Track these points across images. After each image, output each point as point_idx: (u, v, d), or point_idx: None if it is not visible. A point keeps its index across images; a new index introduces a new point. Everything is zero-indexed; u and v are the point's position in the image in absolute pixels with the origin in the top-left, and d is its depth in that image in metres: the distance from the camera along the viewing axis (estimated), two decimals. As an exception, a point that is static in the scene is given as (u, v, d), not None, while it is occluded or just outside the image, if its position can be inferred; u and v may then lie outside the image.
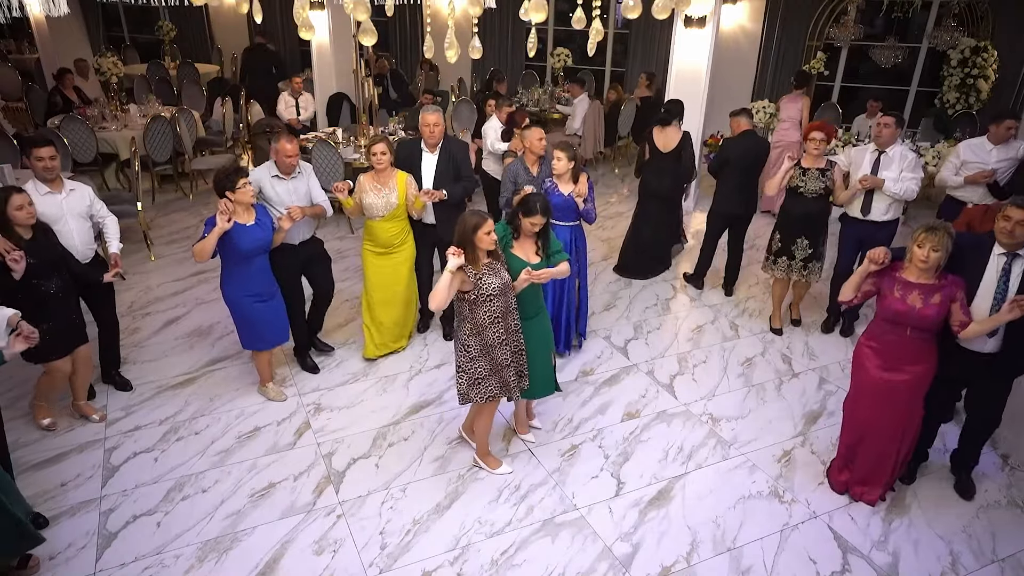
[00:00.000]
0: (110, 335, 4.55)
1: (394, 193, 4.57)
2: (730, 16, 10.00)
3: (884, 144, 4.98)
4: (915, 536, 3.56)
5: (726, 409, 4.56)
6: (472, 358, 3.54)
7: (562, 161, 4.61)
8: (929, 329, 3.37)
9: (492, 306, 3.45)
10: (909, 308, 3.34)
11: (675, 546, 3.47)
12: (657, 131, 6.12)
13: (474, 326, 3.49)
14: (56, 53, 10.24)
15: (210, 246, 3.90)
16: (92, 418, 4.24)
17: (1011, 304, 3.19)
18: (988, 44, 8.68)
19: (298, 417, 4.37)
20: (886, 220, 5.06)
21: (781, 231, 5.25)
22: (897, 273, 3.40)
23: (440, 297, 3.32)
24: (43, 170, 3.99)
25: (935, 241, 3.23)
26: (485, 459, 3.95)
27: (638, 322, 5.64)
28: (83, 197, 4.19)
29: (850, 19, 9.08)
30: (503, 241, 3.69)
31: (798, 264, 5.22)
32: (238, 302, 4.18)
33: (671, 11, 3.40)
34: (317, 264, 4.72)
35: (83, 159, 7.55)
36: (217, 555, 3.35)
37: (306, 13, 3.53)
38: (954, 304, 3.32)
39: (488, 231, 3.35)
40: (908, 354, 3.44)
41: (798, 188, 5.05)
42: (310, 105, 9.12)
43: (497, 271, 3.47)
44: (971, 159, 5.38)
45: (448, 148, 4.86)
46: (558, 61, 11.35)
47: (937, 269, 3.32)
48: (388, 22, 12.09)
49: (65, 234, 4.02)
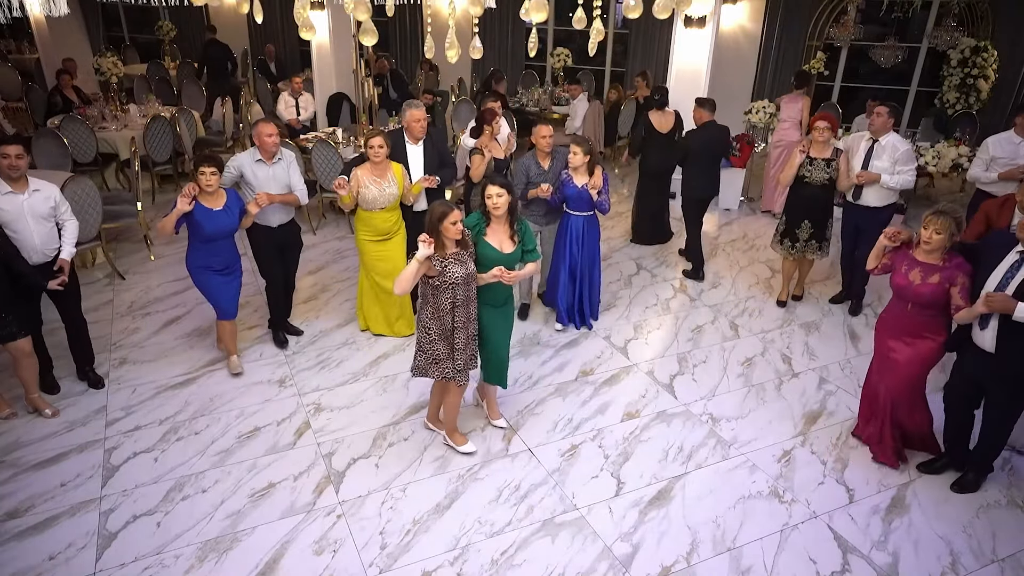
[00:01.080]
0: (76, 331, 4.56)
1: (393, 185, 4.80)
2: (730, 16, 10.01)
3: (877, 132, 5.20)
4: (915, 536, 3.56)
5: (726, 409, 4.56)
6: (432, 340, 3.72)
7: (578, 155, 4.93)
8: (927, 307, 3.60)
9: (454, 293, 3.62)
10: (908, 283, 3.62)
11: (675, 546, 3.47)
12: (655, 114, 6.78)
13: (435, 310, 3.67)
14: (56, 53, 10.24)
15: (169, 225, 4.21)
16: (45, 412, 4.24)
17: (985, 297, 3.29)
18: (988, 44, 8.69)
19: (298, 417, 4.37)
20: (880, 207, 5.30)
21: (788, 215, 5.62)
22: (910, 251, 3.68)
23: (405, 283, 3.51)
24: (7, 168, 3.97)
25: (938, 224, 3.45)
26: (452, 436, 4.08)
27: (638, 322, 5.64)
28: (47, 199, 4.16)
29: (850, 19, 9.08)
30: (475, 230, 3.82)
31: (800, 245, 5.59)
32: (199, 272, 4.50)
33: (671, 11, 3.40)
34: (291, 255, 5.06)
35: (83, 159, 7.56)
36: (217, 555, 3.35)
37: (306, 13, 3.53)
38: (953, 288, 3.50)
39: (454, 221, 3.49)
40: (910, 327, 3.72)
41: (804, 177, 5.35)
42: (310, 105, 9.11)
43: (464, 261, 3.63)
44: (1000, 154, 5.46)
45: (431, 138, 5.20)
46: (558, 61, 11.35)
47: (943, 251, 3.52)
48: (388, 22, 12.10)
49: (24, 233, 4.03)
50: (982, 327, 3.47)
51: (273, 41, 12.55)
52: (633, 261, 6.79)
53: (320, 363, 4.94)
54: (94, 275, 6.19)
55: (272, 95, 10.55)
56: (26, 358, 4.11)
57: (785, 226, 5.62)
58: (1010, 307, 3.25)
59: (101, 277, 6.18)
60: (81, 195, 5.58)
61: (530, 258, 3.97)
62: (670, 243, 7.22)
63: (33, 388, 4.25)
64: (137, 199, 6.53)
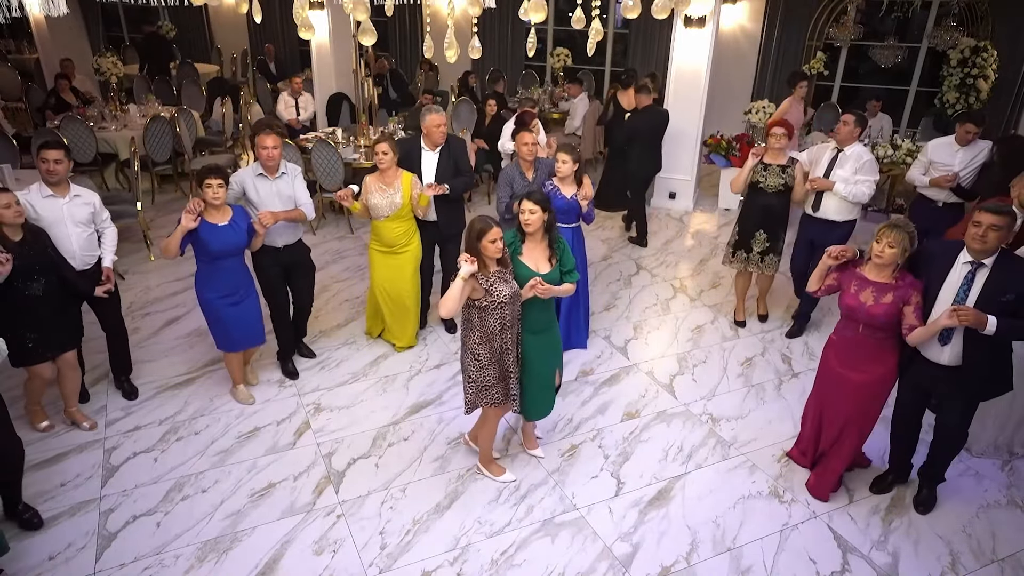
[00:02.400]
0: (117, 341, 4.47)
1: (398, 194, 4.59)
2: (730, 16, 10.00)
3: (843, 142, 4.93)
4: (915, 536, 3.56)
5: (726, 409, 4.56)
6: (482, 366, 3.49)
7: (567, 163, 4.61)
8: (880, 328, 3.38)
9: (503, 313, 3.40)
10: (860, 304, 3.37)
11: (675, 546, 3.47)
12: (621, 93, 7.53)
13: (484, 334, 3.44)
14: (56, 53, 10.23)
15: (174, 243, 3.91)
16: (83, 426, 4.18)
17: (950, 312, 3.10)
18: (988, 44, 8.68)
19: (298, 417, 4.37)
20: (839, 220, 5.02)
21: (740, 224, 5.30)
22: (858, 269, 3.45)
23: (451, 304, 3.24)
24: (46, 172, 3.93)
25: (892, 238, 3.25)
26: (488, 467, 3.91)
27: (638, 322, 5.64)
28: (88, 204, 4.10)
29: (850, 19, 9.08)
30: (511, 248, 3.61)
31: (755, 256, 5.28)
32: (208, 302, 4.17)
33: (671, 11, 3.40)
34: (300, 274, 4.69)
35: (82, 159, 7.55)
36: (217, 555, 3.35)
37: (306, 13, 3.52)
38: (907, 307, 3.30)
39: (493, 239, 3.28)
40: (863, 352, 3.48)
41: (759, 183, 5.06)
42: (310, 105, 9.11)
43: (507, 279, 3.42)
44: (937, 159, 5.46)
45: (448, 145, 4.91)
46: (558, 61, 11.34)
47: (895, 268, 3.33)
48: (388, 22, 12.09)
49: (63, 239, 3.96)
50: (943, 343, 3.31)
51: (273, 41, 12.54)
52: (633, 261, 6.79)
53: (320, 363, 4.94)
54: (94, 275, 6.18)
55: (272, 95, 10.55)
56: (71, 371, 4.06)
57: (738, 237, 5.29)
58: (983, 321, 3.08)
59: (101, 277, 6.17)
60: (81, 195, 5.57)
61: (569, 279, 3.70)
62: (669, 243, 7.24)
63: (73, 401, 4.18)
64: (137, 199, 6.53)
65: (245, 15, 11.79)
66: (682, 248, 7.14)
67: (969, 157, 5.37)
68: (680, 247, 7.15)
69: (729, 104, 9.04)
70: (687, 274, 6.55)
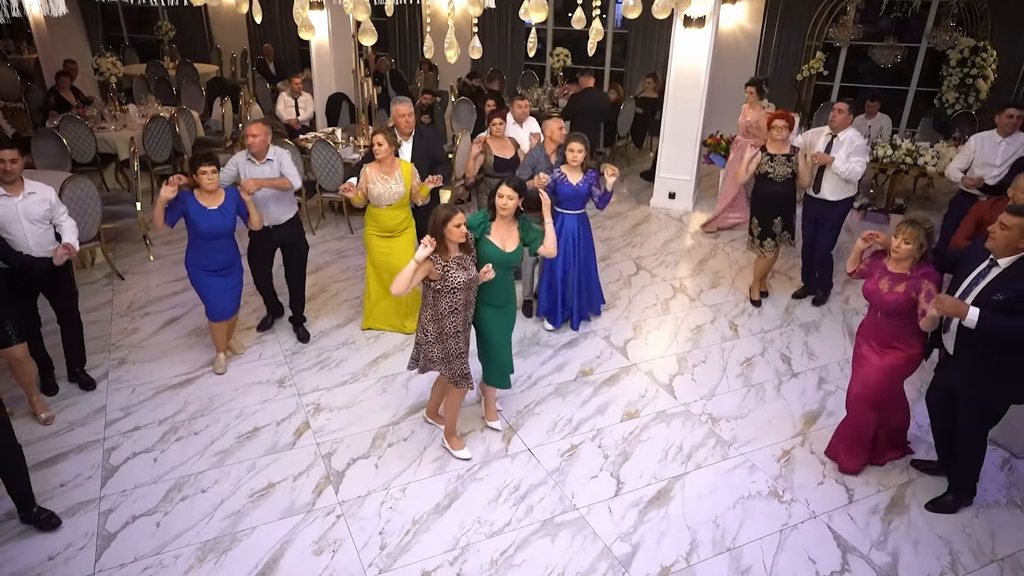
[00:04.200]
0: (71, 334, 4.56)
1: (400, 183, 4.81)
2: (730, 16, 10.01)
3: (837, 128, 5.47)
4: (915, 536, 3.56)
5: (726, 409, 4.56)
6: (428, 341, 3.71)
7: (582, 152, 4.88)
8: (894, 315, 3.55)
9: (454, 298, 3.62)
10: (877, 291, 3.59)
11: (675, 546, 3.47)
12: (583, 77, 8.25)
13: (435, 312, 3.66)
14: (55, 53, 10.23)
15: (158, 213, 4.23)
16: (40, 417, 4.22)
17: (935, 300, 3.23)
18: (987, 44, 8.69)
19: (298, 417, 4.37)
20: (835, 200, 5.58)
21: (758, 215, 5.70)
22: (884, 260, 3.63)
23: (400, 284, 3.47)
24: (1, 172, 3.98)
25: (908, 234, 3.43)
26: (449, 440, 4.05)
27: (638, 322, 5.64)
28: (43, 201, 4.17)
29: (849, 19, 9.08)
30: (479, 229, 3.82)
31: (781, 238, 5.72)
32: (192, 272, 4.53)
33: (671, 11, 3.40)
34: (292, 254, 5.04)
35: (82, 159, 7.55)
36: (216, 555, 3.35)
37: (306, 13, 3.53)
38: (919, 295, 3.45)
39: (457, 224, 3.49)
40: (881, 336, 3.70)
41: (768, 174, 5.47)
42: (309, 105, 9.11)
43: (466, 265, 3.62)
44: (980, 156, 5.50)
45: (422, 137, 5.33)
46: (557, 61, 11.35)
47: (912, 261, 3.48)
48: (388, 22, 12.10)
49: (18, 235, 4.06)
50: (944, 331, 3.45)
51: (272, 41, 12.55)
52: (633, 261, 6.79)
53: (320, 363, 4.94)
54: (93, 275, 6.19)
55: (271, 95, 10.55)
56: (19, 365, 4.07)
57: (760, 227, 5.69)
58: (962, 311, 3.13)
59: (100, 277, 6.17)
60: (80, 195, 5.58)
61: (534, 247, 3.98)
62: (669, 243, 7.23)
63: (32, 392, 4.24)
64: (136, 199, 6.52)
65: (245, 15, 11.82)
66: (682, 248, 7.14)
67: (1011, 151, 5.39)
68: (680, 247, 7.16)
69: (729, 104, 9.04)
70: (687, 274, 6.55)
